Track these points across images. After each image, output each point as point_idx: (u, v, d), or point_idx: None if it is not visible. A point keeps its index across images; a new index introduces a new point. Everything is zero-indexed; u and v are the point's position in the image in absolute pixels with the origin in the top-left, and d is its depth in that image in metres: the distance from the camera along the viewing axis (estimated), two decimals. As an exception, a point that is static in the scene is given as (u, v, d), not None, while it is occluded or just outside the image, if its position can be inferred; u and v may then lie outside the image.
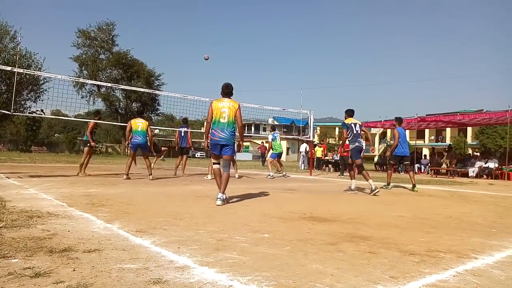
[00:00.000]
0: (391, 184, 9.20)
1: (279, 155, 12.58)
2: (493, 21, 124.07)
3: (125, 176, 8.89)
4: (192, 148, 12.25)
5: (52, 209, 4.10)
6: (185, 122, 11.84)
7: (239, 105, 5.46)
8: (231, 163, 5.57)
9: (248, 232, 3.32)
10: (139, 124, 9.20)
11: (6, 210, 3.89)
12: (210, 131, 5.38)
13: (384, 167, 21.09)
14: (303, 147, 22.11)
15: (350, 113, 7.94)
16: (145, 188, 7.11)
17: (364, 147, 8.03)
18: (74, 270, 2.10)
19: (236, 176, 10.81)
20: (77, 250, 2.52)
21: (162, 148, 14.71)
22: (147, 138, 9.47)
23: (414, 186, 8.41)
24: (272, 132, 12.40)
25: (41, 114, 29.99)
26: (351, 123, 7.77)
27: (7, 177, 8.22)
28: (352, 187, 7.86)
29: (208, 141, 5.41)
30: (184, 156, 11.53)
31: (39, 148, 42.25)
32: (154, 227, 3.37)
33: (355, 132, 7.64)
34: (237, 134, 5.57)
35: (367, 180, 7.41)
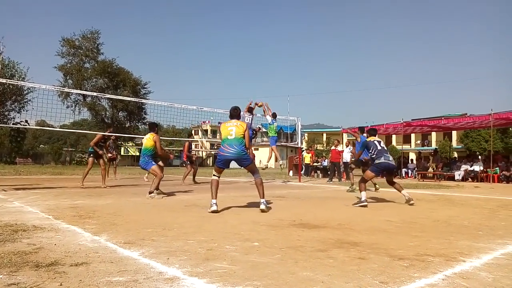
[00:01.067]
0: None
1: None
2: (477, 25, 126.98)
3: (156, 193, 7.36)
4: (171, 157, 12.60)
5: (38, 222, 4.03)
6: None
7: (247, 125, 5.74)
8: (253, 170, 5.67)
9: (238, 241, 3.30)
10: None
11: (-10, 224, 3.80)
12: (220, 148, 5.61)
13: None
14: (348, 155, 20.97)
15: (373, 132, 7.36)
16: (133, 198, 7.03)
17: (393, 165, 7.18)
18: (61, 285, 2.06)
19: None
20: (64, 263, 2.47)
21: (109, 155, 12.96)
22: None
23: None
24: (272, 119, 12.30)
25: (26, 125, 29.55)
26: (374, 140, 7.08)
27: (-10, 190, 8.05)
28: (363, 198, 6.59)
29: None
30: (188, 166, 11.80)
31: (24, 160, 41.50)
32: (143, 238, 3.33)
33: (379, 148, 6.93)
34: None
35: (363, 191, 6.87)
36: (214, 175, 5.53)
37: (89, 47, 41.99)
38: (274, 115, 12.65)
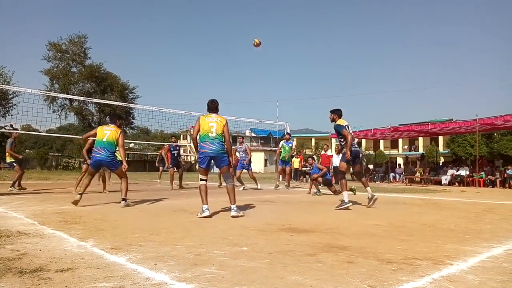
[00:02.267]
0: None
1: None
2: (464, 31, 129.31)
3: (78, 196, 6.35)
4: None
5: (22, 228, 3.95)
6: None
7: (226, 121, 5.60)
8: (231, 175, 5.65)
9: (227, 246, 3.28)
10: (106, 132, 6.58)
11: (-28, 230, 3.72)
12: (199, 145, 5.46)
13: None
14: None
15: (340, 113, 6.82)
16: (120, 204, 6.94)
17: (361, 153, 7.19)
18: (45, 291, 2.02)
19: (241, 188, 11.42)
20: (49, 270, 2.42)
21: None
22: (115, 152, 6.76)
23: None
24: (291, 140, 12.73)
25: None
26: (345, 124, 6.71)
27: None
28: (346, 200, 6.51)
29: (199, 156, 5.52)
30: (171, 170, 11.74)
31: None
32: (130, 244, 3.29)
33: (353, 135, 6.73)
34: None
35: (366, 187, 6.82)
36: (201, 179, 5.42)
37: (76, 51, 41.51)
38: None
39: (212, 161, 5.46)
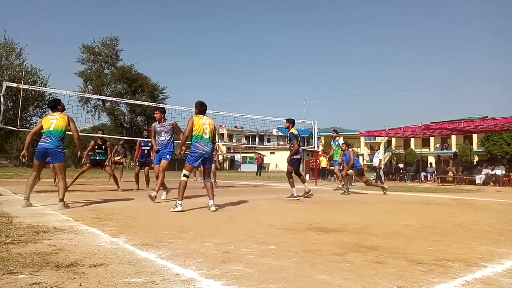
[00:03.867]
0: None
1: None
2: (497, 28, 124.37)
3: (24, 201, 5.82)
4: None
5: (58, 224, 4.11)
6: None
7: (214, 124, 6.03)
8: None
9: (254, 244, 3.30)
10: (52, 121, 5.86)
11: (13, 226, 3.90)
12: (193, 144, 5.72)
13: (390, 175, 21.00)
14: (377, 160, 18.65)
15: (294, 122, 8.31)
16: (150, 201, 7.10)
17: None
18: (80, 285, 2.10)
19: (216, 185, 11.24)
20: (83, 264, 2.52)
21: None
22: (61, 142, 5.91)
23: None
24: (338, 138, 11.78)
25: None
26: (296, 134, 8.05)
27: (14, 193, 8.27)
28: (295, 194, 7.95)
29: (182, 152, 6.16)
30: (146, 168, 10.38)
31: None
32: (160, 240, 3.37)
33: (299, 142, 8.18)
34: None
35: (293, 187, 7.96)
36: (185, 175, 5.69)
37: (108, 53, 42.88)
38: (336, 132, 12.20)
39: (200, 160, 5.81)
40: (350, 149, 10.05)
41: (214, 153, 11.42)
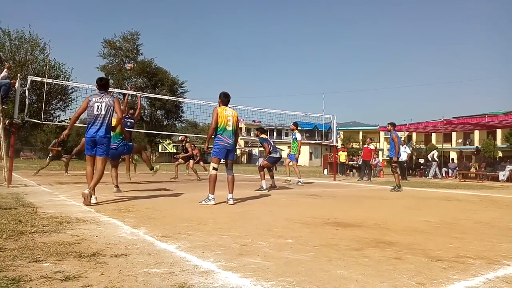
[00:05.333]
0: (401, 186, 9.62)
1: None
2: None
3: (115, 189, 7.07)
4: None
5: (80, 215, 4.22)
6: None
7: (237, 115, 5.97)
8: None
9: (272, 237, 3.31)
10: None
11: (37, 216, 4.02)
12: (216, 137, 5.69)
13: (410, 170, 20.68)
14: (435, 153, 18.90)
15: (262, 130, 9.11)
16: (169, 193, 7.20)
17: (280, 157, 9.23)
18: (102, 274, 2.16)
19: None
20: (104, 254, 2.58)
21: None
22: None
23: (398, 186, 9.29)
24: (296, 132, 11.44)
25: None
26: (266, 137, 9.02)
27: (38, 184, 8.50)
28: (264, 186, 8.38)
29: (208, 145, 5.98)
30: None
31: (69, 156, 43.27)
32: (179, 232, 3.41)
33: (272, 144, 9.07)
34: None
35: (262, 179, 8.42)
36: (214, 168, 5.65)
37: (129, 48, 43.40)
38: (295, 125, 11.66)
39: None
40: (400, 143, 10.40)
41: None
